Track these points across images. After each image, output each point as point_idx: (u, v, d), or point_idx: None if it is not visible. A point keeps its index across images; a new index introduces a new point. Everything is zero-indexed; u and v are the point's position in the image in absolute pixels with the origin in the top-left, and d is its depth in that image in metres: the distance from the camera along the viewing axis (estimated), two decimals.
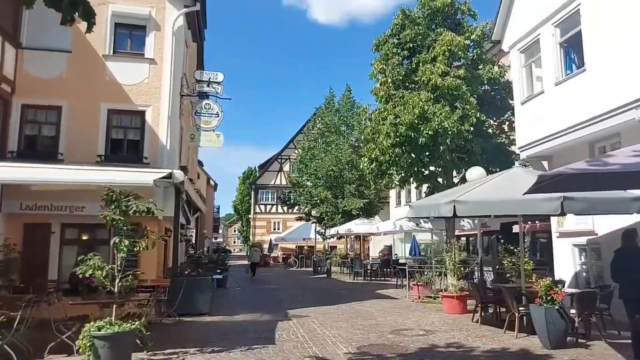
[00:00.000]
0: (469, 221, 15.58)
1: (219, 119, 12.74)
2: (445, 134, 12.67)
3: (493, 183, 9.03)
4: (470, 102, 12.82)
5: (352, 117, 28.31)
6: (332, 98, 29.33)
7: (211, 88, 12.75)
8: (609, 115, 9.26)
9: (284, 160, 48.84)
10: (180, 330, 9.89)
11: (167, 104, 12.11)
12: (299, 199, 29.28)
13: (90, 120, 11.84)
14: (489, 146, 13.61)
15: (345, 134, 28.39)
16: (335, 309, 12.92)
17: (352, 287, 19.26)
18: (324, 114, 29.11)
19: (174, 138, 12.18)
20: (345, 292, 17.64)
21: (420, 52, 14.37)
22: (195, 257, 18.73)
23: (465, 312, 11.69)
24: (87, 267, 6.87)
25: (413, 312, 12.13)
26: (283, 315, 11.88)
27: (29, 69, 11.70)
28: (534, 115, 11.95)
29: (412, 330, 9.49)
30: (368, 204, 26.67)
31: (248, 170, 70.04)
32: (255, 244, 39.53)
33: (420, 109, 12.64)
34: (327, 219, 27.12)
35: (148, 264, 11.94)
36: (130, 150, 11.83)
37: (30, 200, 11.15)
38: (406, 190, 35.91)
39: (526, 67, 12.59)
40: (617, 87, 9.06)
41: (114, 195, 7.26)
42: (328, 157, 27.10)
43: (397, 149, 13.26)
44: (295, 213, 46.14)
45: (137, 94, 12.14)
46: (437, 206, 8.83)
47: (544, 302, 7.66)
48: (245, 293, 17.48)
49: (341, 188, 27.64)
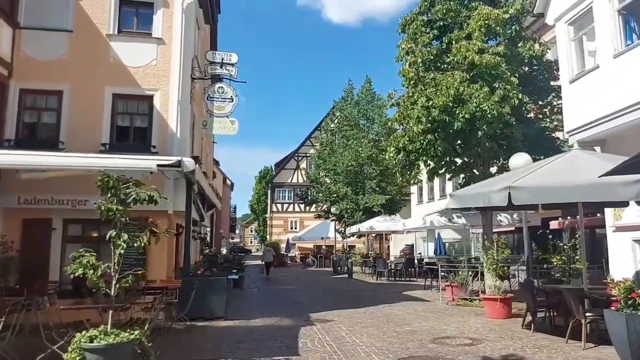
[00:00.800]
0: (506, 216, 14.26)
1: (233, 104, 11.63)
2: (484, 117, 11.35)
3: (550, 168, 7.72)
4: (511, 82, 11.47)
5: (373, 109, 27.02)
6: (351, 90, 28.03)
7: (224, 70, 11.65)
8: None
9: (300, 157, 47.73)
10: (191, 337, 8.78)
11: (177, 88, 11.05)
12: (317, 195, 28.05)
13: (93, 105, 10.85)
14: (531, 131, 12.24)
15: (365, 128, 27.11)
16: (362, 312, 11.71)
17: (377, 288, 18.00)
18: (343, 106, 27.83)
19: (184, 125, 11.12)
20: (370, 293, 16.41)
21: (452, 30, 13.06)
22: (209, 256, 17.68)
23: (509, 316, 10.38)
24: (78, 265, 5.79)
25: (450, 316, 10.85)
26: (305, 320, 10.72)
27: (27, 50, 10.75)
28: (586, 94, 10.57)
29: (456, 339, 8.23)
30: (390, 200, 25.36)
31: (264, 169, 69.22)
32: (268, 244, 40.26)
33: (455, 90, 11.35)
34: (348, 216, 25.85)
35: (157, 263, 10.92)
36: (137, 138, 10.79)
37: (29, 194, 10.19)
38: (428, 187, 34.56)
39: (575, 41, 11.20)
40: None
41: (110, 182, 6.17)
42: (347, 152, 25.85)
43: (428, 136, 11.98)
44: (313, 212, 45.16)
45: (144, 77, 11.10)
46: (486, 194, 7.56)
47: (624, 307, 6.34)
48: (263, 294, 16.37)
49: (362, 184, 26.37)
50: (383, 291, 16.76)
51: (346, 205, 25.29)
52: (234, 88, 11.79)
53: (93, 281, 5.81)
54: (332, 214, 27.01)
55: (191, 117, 11.94)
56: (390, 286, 18.59)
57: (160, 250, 10.89)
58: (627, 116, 9.37)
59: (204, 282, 10.46)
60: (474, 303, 12.45)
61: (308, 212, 46.97)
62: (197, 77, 11.70)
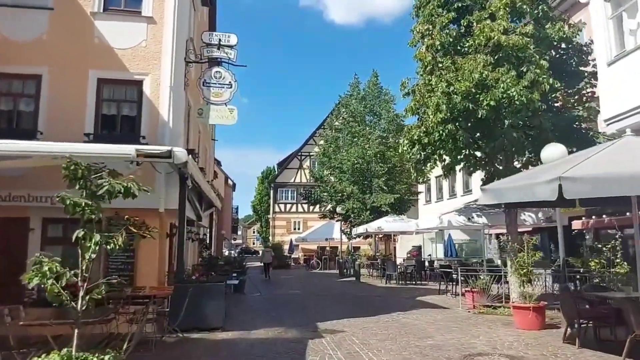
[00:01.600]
0: (530, 214, 13.07)
1: (232, 90, 10.48)
2: (511, 104, 10.18)
3: (602, 156, 6.54)
4: (541, 66, 10.28)
5: (380, 105, 25.83)
6: (357, 85, 26.84)
7: (222, 53, 10.49)
8: None
9: (304, 157, 46.54)
10: (182, 353, 7.65)
11: (169, 72, 9.91)
12: (322, 195, 26.84)
13: (75, 91, 9.72)
14: (561, 121, 11.06)
15: (372, 124, 25.93)
16: (375, 321, 10.55)
17: (387, 293, 16.82)
18: (348, 102, 26.62)
19: (177, 113, 9.98)
20: (381, 298, 15.24)
21: (472, 11, 11.88)
22: (206, 259, 16.54)
23: (543, 327, 9.22)
24: (34, 274, 4.64)
25: (475, 327, 9.68)
26: (312, 330, 9.58)
27: (2, 29, 9.63)
28: (628, 78, 9.39)
29: (490, 357, 7.06)
30: (399, 199, 24.18)
31: (267, 169, 68.07)
32: (267, 245, 39.38)
33: (479, 74, 10.18)
34: (354, 216, 24.66)
35: (148, 267, 9.77)
36: (125, 127, 9.65)
37: (3, 190, 9.07)
38: (437, 187, 33.33)
39: (614, 19, 10.02)
40: None
41: (78, 171, 5.02)
42: (354, 149, 24.67)
43: (448, 126, 10.79)
44: (317, 212, 43.88)
45: (133, 59, 9.97)
46: (530, 187, 6.40)
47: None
48: (266, 300, 15.21)
49: (369, 182, 25.20)
50: (395, 296, 15.58)
51: (352, 205, 24.10)
52: (233, 73, 10.66)
53: (53, 293, 4.66)
54: (338, 214, 25.77)
55: (186, 105, 10.80)
56: (401, 290, 17.40)
57: (151, 252, 9.76)
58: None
59: (199, 288, 9.32)
60: (498, 310, 11.29)
61: (312, 212, 45.82)
62: (192, 61, 10.55)
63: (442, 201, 31.04)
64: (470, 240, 30.21)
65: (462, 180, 28.37)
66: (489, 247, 26.18)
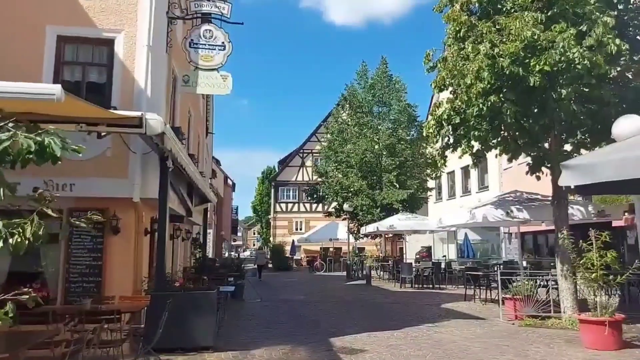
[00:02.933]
0: (579, 208, 11.09)
1: (225, 52, 8.48)
2: (571, 69, 8.23)
3: None
4: (605, 24, 8.34)
5: (390, 94, 23.85)
6: (365, 72, 24.82)
7: (213, 7, 8.51)
8: None
9: (306, 154, 44.50)
10: None
11: (147, 29, 7.95)
12: (327, 191, 24.80)
13: (29, 52, 7.77)
14: (628, 92, 9.09)
15: (381, 115, 23.95)
16: (402, 336, 8.59)
17: (406, 299, 14.84)
18: (356, 91, 24.60)
19: (157, 80, 8.01)
20: (401, 306, 13.27)
21: None
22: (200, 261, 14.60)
23: (622, 347, 7.25)
24: None
25: (530, 344, 7.72)
26: (326, 349, 7.67)
27: None
28: None
29: None
30: (411, 196, 22.21)
31: (267, 169, 65.95)
32: (260, 247, 39.10)
33: (530, 33, 8.23)
34: (363, 214, 22.67)
35: (120, 272, 7.81)
36: (92, 95, 7.64)
37: None
38: (448, 184, 31.23)
39: None
40: None
41: None
42: (362, 141, 22.68)
43: (492, 97, 8.84)
44: (319, 212, 41.90)
45: (102, 13, 8.01)
46: None
47: None
48: (268, 308, 13.24)
49: (378, 177, 23.24)
50: (416, 303, 13.61)
51: (361, 202, 22.09)
52: (226, 32, 8.67)
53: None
54: (345, 212, 23.70)
55: (169, 72, 8.82)
56: (420, 296, 15.42)
57: (125, 254, 7.82)
58: None
59: (183, 298, 7.36)
60: (549, 322, 9.35)
61: (314, 212, 43.80)
62: (177, 17, 8.56)
63: (454, 199, 29.05)
64: (482, 241, 28.27)
65: (477, 176, 26.40)
66: (508, 247, 24.23)
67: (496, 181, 24.03)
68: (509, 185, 21.89)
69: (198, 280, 10.57)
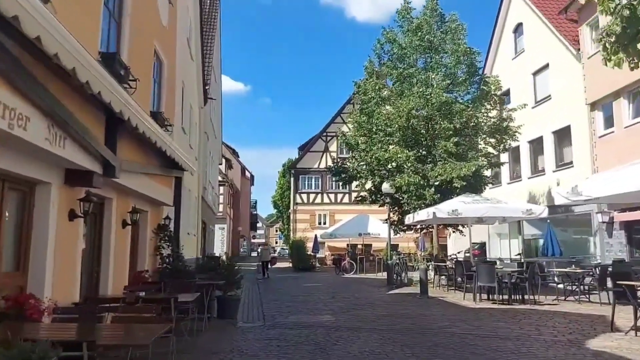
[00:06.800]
0: None
1: None
2: None
3: None
4: None
5: (444, 37, 17.79)
6: (407, 11, 18.67)
7: None
8: None
9: (330, 138, 38.70)
10: None
11: None
12: (360, 167, 18.73)
13: None
14: None
15: (432, 65, 17.88)
16: None
17: (504, 328, 8.88)
18: (395, 37, 18.53)
19: None
20: (512, 344, 7.28)
21: None
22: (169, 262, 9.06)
23: None
24: None
25: None
26: None
27: None
28: None
29: None
30: (477, 172, 16.24)
31: (288, 161, 60.21)
32: (265, 243, 38.32)
33: None
34: (409, 196, 16.69)
35: None
36: None
37: None
38: (511, 164, 24.86)
39: None
40: None
41: None
42: (406, 100, 16.69)
43: None
44: (346, 203, 35.96)
45: None
46: None
47: None
48: (271, 344, 7.49)
49: (428, 148, 17.26)
50: (531, 337, 7.67)
51: (408, 179, 16.09)
52: None
53: None
54: (384, 196, 17.66)
55: None
56: (525, 321, 9.47)
57: None
58: None
59: None
60: None
61: (340, 202, 37.93)
62: None
63: (519, 181, 22.91)
64: (542, 235, 22.22)
65: (553, 150, 20.20)
66: (607, 241, 18.07)
67: (585, 154, 17.89)
68: (606, 159, 16.09)
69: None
